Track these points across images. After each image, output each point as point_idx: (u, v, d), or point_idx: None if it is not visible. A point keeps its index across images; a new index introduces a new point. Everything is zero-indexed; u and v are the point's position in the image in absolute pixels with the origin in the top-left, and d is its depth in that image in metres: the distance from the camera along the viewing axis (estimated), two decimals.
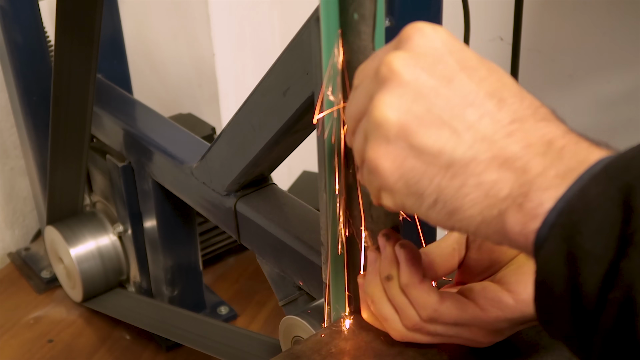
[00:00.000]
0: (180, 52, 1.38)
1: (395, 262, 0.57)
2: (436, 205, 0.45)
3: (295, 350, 0.61)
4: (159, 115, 1.08)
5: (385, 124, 0.45)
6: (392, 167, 0.46)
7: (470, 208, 0.43)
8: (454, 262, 0.61)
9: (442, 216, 0.45)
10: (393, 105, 0.45)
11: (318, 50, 0.53)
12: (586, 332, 0.40)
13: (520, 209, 0.41)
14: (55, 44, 0.93)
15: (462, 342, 0.58)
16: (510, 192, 0.42)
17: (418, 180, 0.45)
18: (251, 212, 0.84)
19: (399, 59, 0.45)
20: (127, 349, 1.12)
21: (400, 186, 0.46)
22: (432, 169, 0.44)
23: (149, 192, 1.02)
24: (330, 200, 0.59)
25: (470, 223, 0.44)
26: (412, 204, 0.46)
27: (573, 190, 0.40)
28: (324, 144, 0.56)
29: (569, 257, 0.39)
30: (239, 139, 0.80)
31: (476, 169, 0.43)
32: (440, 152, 0.44)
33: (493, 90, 0.45)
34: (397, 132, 0.45)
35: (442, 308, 0.55)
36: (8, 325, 1.16)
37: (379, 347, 0.61)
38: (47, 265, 1.24)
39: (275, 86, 0.71)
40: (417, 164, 0.45)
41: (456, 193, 0.44)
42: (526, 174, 0.42)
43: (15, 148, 1.27)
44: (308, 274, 0.78)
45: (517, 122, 0.44)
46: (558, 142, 0.42)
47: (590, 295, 0.38)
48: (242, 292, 1.23)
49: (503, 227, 0.42)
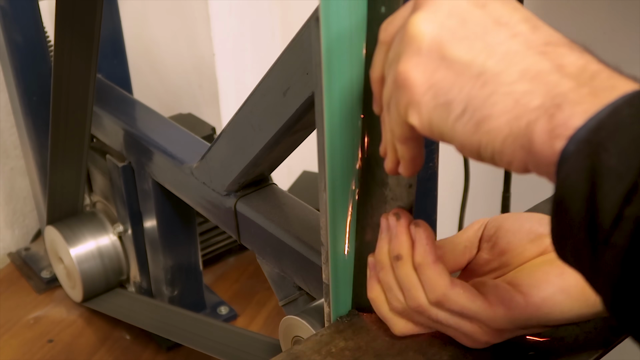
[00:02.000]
0: (180, 52, 1.38)
1: (406, 242, 0.57)
2: (464, 115, 0.44)
3: (295, 351, 0.61)
4: (159, 115, 1.08)
5: (418, 36, 0.45)
6: (422, 78, 0.45)
7: (499, 117, 0.43)
8: (463, 260, 0.61)
9: (469, 128, 0.44)
10: (426, 19, 0.45)
11: (318, 50, 0.53)
12: (599, 251, 0.39)
13: (551, 120, 0.40)
14: (55, 44, 0.93)
15: (459, 336, 0.58)
16: (542, 103, 0.41)
17: (448, 90, 0.45)
18: (251, 212, 0.84)
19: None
20: (127, 349, 1.12)
21: (429, 98, 0.45)
22: (463, 78, 0.44)
23: (149, 192, 1.02)
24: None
25: (497, 135, 0.43)
26: (440, 117, 0.45)
27: (605, 112, 0.39)
28: (324, 140, 0.56)
29: (591, 173, 0.38)
30: (239, 139, 0.80)
31: (507, 79, 0.43)
32: (472, 62, 0.44)
33: (527, 17, 0.45)
34: (430, 44, 0.45)
35: (452, 293, 0.55)
36: (8, 325, 1.16)
37: (379, 347, 0.61)
38: (47, 265, 1.24)
39: (275, 86, 0.71)
40: (447, 74, 0.45)
41: (485, 101, 0.43)
42: (558, 88, 0.41)
43: (15, 148, 1.27)
44: (308, 274, 0.78)
45: (550, 45, 0.43)
46: (592, 67, 0.42)
47: (607, 211, 0.38)
48: (242, 292, 1.23)
49: (530, 139, 0.41)
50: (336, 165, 0.58)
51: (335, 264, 0.62)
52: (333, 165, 0.58)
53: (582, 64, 0.42)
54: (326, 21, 0.52)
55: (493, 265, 0.60)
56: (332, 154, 0.57)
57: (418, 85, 0.45)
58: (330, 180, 0.58)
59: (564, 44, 0.44)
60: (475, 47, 0.44)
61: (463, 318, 0.56)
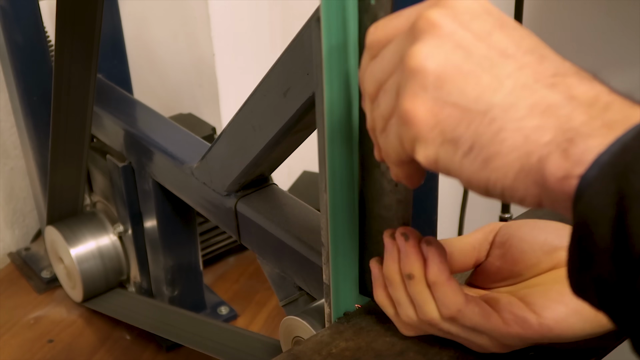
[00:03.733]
0: (180, 52, 1.38)
1: (417, 261, 0.56)
2: (472, 152, 0.42)
3: (296, 351, 0.61)
4: (159, 115, 1.08)
5: (422, 72, 0.44)
6: (428, 115, 0.44)
7: (508, 154, 0.41)
8: (470, 261, 0.61)
9: (477, 165, 0.42)
10: (430, 54, 0.44)
11: (318, 51, 0.53)
12: (628, 279, 0.37)
13: (565, 155, 0.39)
14: (55, 44, 0.93)
15: (468, 344, 0.58)
16: (554, 138, 0.40)
17: (454, 127, 0.43)
18: (251, 212, 0.84)
19: (438, 13, 0.44)
20: (127, 349, 1.12)
21: (435, 135, 0.44)
22: (470, 115, 0.43)
23: (149, 192, 1.02)
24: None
25: (507, 172, 0.41)
26: (446, 153, 0.44)
27: (628, 136, 0.38)
28: (324, 140, 0.56)
29: (619, 196, 0.36)
30: (239, 139, 0.80)
31: (516, 114, 0.41)
32: (479, 97, 0.42)
33: (534, 47, 0.44)
34: (435, 81, 0.43)
35: (467, 310, 0.55)
36: (8, 325, 1.16)
37: (380, 348, 0.61)
38: (47, 265, 1.24)
39: (276, 86, 0.71)
40: (454, 111, 0.43)
41: (494, 138, 0.42)
42: (570, 122, 0.40)
43: (15, 148, 1.27)
44: (308, 274, 0.78)
45: (559, 76, 0.42)
46: (604, 97, 0.40)
47: (639, 235, 0.36)
48: (242, 292, 1.23)
49: (542, 175, 0.40)
50: (336, 165, 0.58)
51: (336, 264, 0.62)
52: (333, 165, 0.58)
53: (594, 95, 0.40)
54: (327, 21, 0.52)
55: (504, 274, 0.60)
56: (333, 154, 0.57)
57: (424, 123, 0.44)
58: (331, 180, 0.58)
59: (573, 73, 0.42)
60: (482, 82, 0.43)
61: (475, 332, 0.56)
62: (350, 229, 0.62)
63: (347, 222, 0.61)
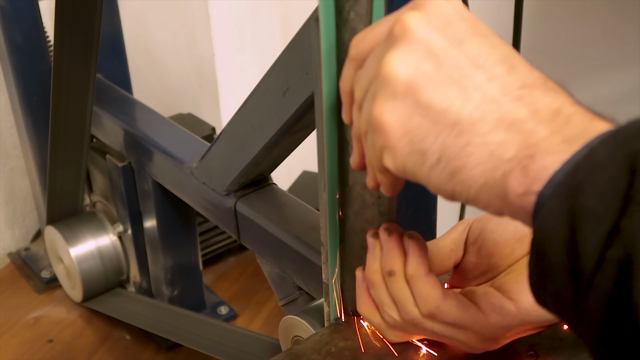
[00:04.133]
0: (180, 52, 1.38)
1: (399, 257, 0.56)
2: (439, 164, 0.44)
3: (295, 350, 0.61)
4: (159, 115, 1.08)
5: (393, 80, 0.45)
6: (397, 123, 0.45)
7: (474, 168, 0.42)
8: (450, 263, 0.61)
9: (443, 176, 0.44)
10: (402, 62, 0.44)
11: (318, 50, 0.53)
12: (581, 295, 0.38)
13: (525, 171, 0.40)
14: (55, 44, 0.93)
15: (456, 344, 0.58)
16: (516, 154, 0.41)
17: (423, 138, 0.44)
18: (251, 212, 0.84)
19: (413, 17, 0.45)
20: (127, 349, 1.12)
21: (404, 144, 0.45)
22: (438, 127, 0.44)
23: (149, 192, 1.02)
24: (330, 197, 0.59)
25: (471, 185, 0.43)
26: (414, 164, 0.45)
27: (581, 154, 0.39)
28: (323, 139, 0.56)
29: (570, 216, 0.38)
30: (239, 139, 0.80)
31: (482, 129, 0.42)
32: (447, 110, 0.43)
33: (504, 56, 0.44)
34: (405, 89, 0.44)
35: (444, 305, 0.55)
36: (8, 325, 1.16)
37: (379, 347, 0.61)
38: (47, 265, 1.24)
39: (275, 86, 0.71)
40: (422, 121, 0.44)
41: (460, 152, 0.43)
42: (532, 137, 0.41)
43: (15, 148, 1.27)
44: (308, 274, 0.78)
45: (526, 88, 0.43)
46: (566, 110, 0.42)
47: (589, 254, 0.37)
48: (242, 292, 1.23)
49: (505, 190, 0.41)
50: (336, 165, 0.58)
51: (335, 264, 0.62)
52: (333, 165, 0.58)
53: (556, 107, 0.42)
54: (326, 21, 0.52)
55: (482, 268, 0.60)
56: (332, 154, 0.57)
57: (393, 131, 0.45)
58: (330, 180, 0.58)
59: (540, 84, 0.43)
60: (451, 94, 0.44)
61: (457, 328, 0.56)
62: None
63: None
